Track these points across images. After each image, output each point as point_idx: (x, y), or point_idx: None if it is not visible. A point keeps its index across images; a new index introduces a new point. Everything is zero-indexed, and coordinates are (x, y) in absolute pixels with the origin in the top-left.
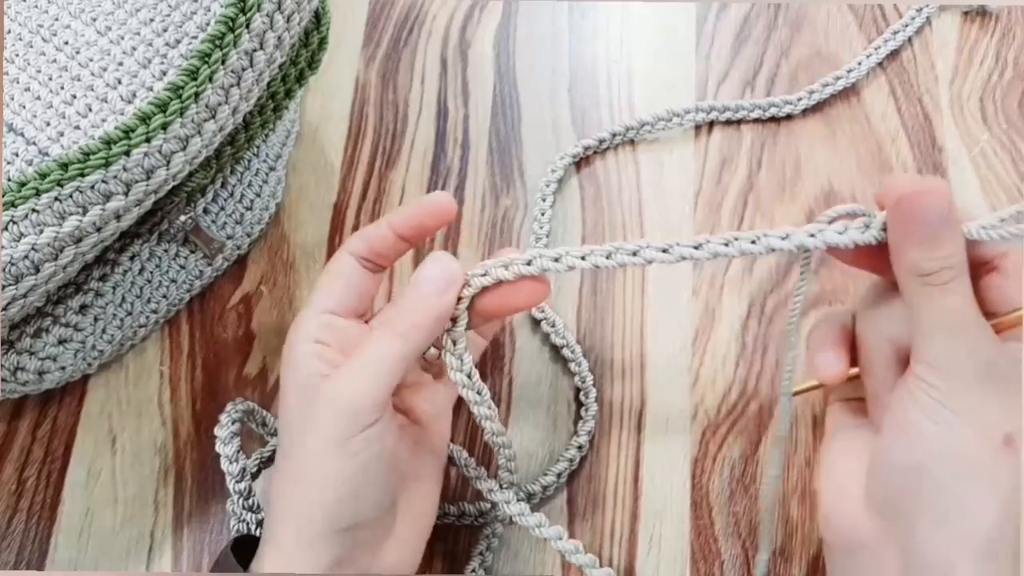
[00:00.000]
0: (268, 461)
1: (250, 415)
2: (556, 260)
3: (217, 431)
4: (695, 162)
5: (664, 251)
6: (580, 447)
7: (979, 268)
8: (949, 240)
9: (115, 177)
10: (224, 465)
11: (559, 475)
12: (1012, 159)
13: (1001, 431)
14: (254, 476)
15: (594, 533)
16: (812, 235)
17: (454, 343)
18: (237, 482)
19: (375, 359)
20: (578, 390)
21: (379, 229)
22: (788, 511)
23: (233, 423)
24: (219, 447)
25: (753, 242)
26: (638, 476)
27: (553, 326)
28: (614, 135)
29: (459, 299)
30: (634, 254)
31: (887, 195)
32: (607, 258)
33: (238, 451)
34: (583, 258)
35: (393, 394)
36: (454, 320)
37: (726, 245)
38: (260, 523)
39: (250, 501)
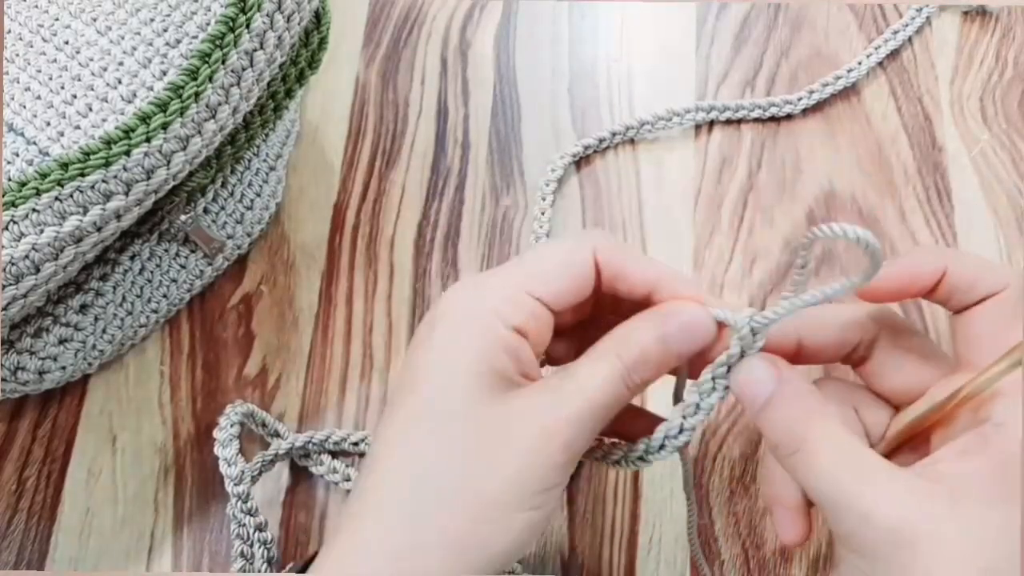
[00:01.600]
0: (270, 464)
1: (250, 417)
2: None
3: (216, 433)
4: (695, 162)
5: None
6: None
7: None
8: (779, 402)
9: (115, 177)
10: (223, 468)
11: None
12: (1012, 159)
13: None
14: (254, 480)
15: (594, 533)
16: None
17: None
18: (236, 485)
19: (603, 394)
20: None
21: (640, 261)
22: None
23: (232, 425)
24: (218, 450)
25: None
26: (638, 476)
27: None
28: (614, 135)
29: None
30: None
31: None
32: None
33: (237, 454)
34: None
35: None
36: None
37: None
38: (259, 527)
39: (248, 504)
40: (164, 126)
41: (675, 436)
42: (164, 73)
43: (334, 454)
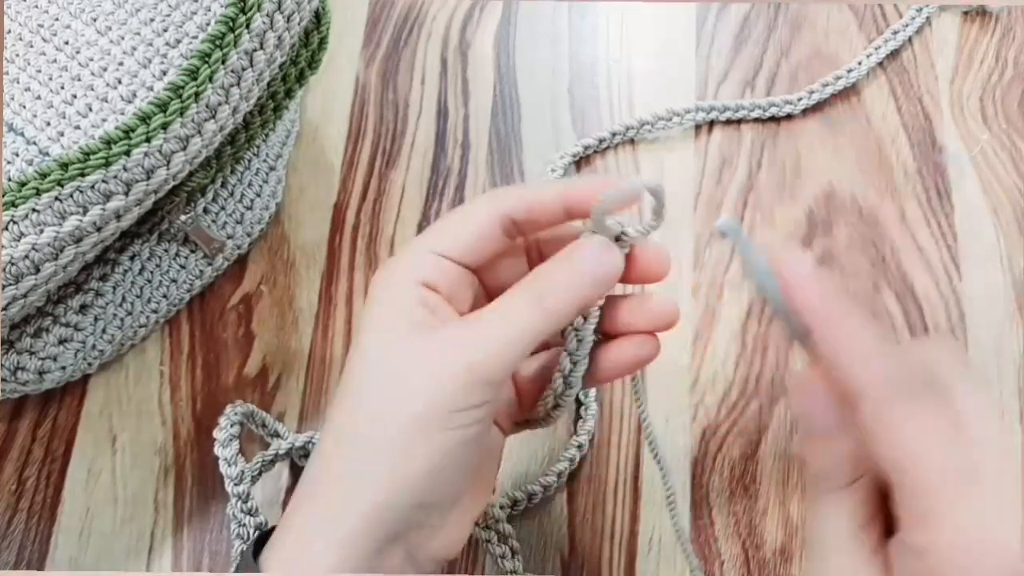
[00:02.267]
0: (270, 464)
1: (250, 417)
2: None
3: (216, 433)
4: (695, 162)
5: None
6: (580, 447)
7: None
8: (832, 438)
9: (115, 177)
10: (223, 468)
11: (559, 475)
12: (1012, 159)
13: None
14: (254, 480)
15: (594, 533)
16: None
17: (578, 343)
18: (236, 485)
19: (515, 325)
20: None
21: (545, 194)
22: (788, 511)
23: (232, 426)
24: (217, 450)
25: None
26: (638, 476)
27: None
28: (614, 135)
29: None
30: None
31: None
32: None
33: (237, 454)
34: None
35: None
36: (584, 317)
37: None
38: (259, 527)
39: (248, 504)
40: (164, 126)
41: (562, 394)
42: (164, 73)
43: None
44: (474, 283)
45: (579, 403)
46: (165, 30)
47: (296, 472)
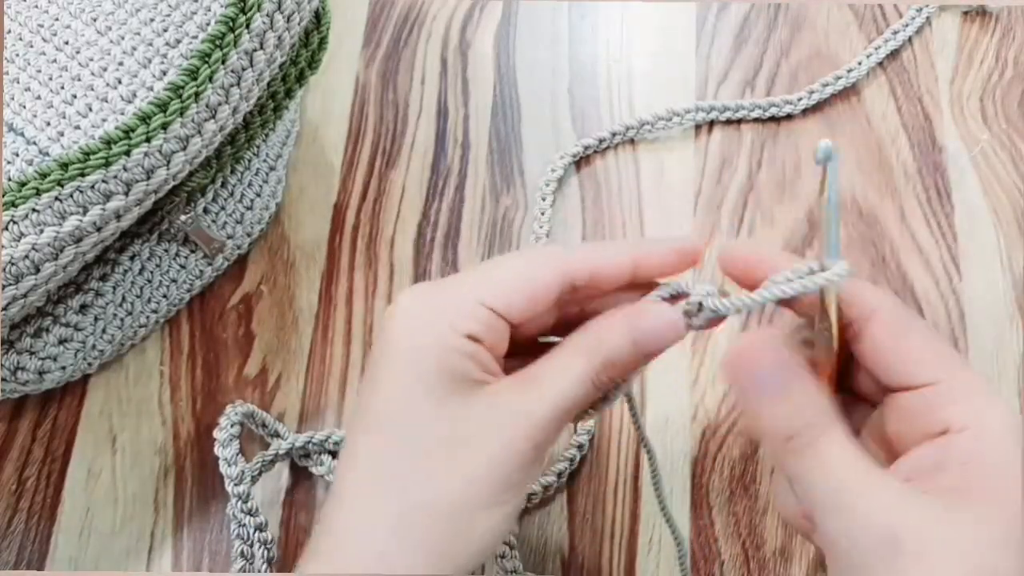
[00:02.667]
0: (270, 464)
1: (250, 417)
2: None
3: (216, 433)
4: (695, 162)
5: None
6: (580, 447)
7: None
8: (798, 391)
9: (115, 177)
10: (223, 468)
11: (559, 475)
12: (1012, 159)
13: None
14: (254, 480)
15: (594, 533)
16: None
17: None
18: (236, 485)
19: (570, 400)
20: None
21: (616, 256)
22: None
23: (232, 426)
24: (218, 450)
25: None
26: (638, 476)
27: None
28: (614, 135)
29: None
30: None
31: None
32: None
33: (237, 454)
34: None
35: None
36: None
37: None
38: (259, 527)
39: (249, 504)
40: (164, 126)
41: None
42: (164, 73)
43: (334, 454)
44: (507, 334)
45: None
46: (165, 30)
47: (296, 472)
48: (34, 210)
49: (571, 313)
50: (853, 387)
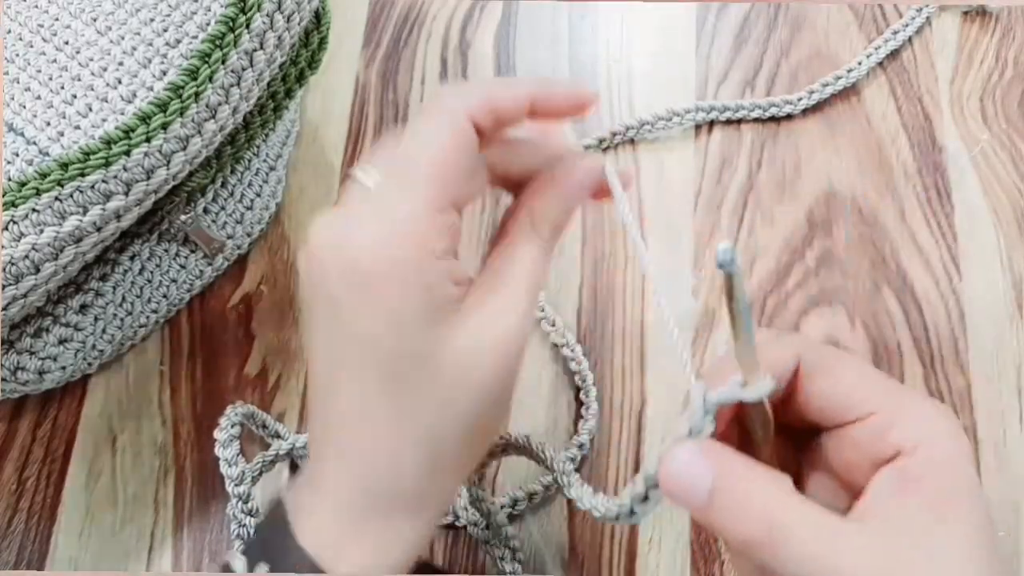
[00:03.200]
0: (270, 465)
1: (250, 418)
2: None
3: (217, 434)
4: (695, 162)
5: None
6: (581, 446)
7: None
8: (740, 495)
9: (115, 177)
10: (223, 468)
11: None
12: (1012, 159)
13: None
14: (255, 480)
15: (594, 533)
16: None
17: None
18: (236, 485)
19: (529, 286)
20: (578, 389)
21: (515, 95)
22: None
23: (232, 426)
24: (218, 450)
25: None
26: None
27: (553, 325)
28: (614, 135)
29: None
30: None
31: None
32: None
33: (237, 454)
34: None
35: None
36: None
37: None
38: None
39: (249, 505)
40: (164, 126)
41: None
42: (164, 73)
43: None
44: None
45: (580, 403)
46: (165, 30)
47: (296, 471)
48: (34, 210)
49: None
50: (791, 423)
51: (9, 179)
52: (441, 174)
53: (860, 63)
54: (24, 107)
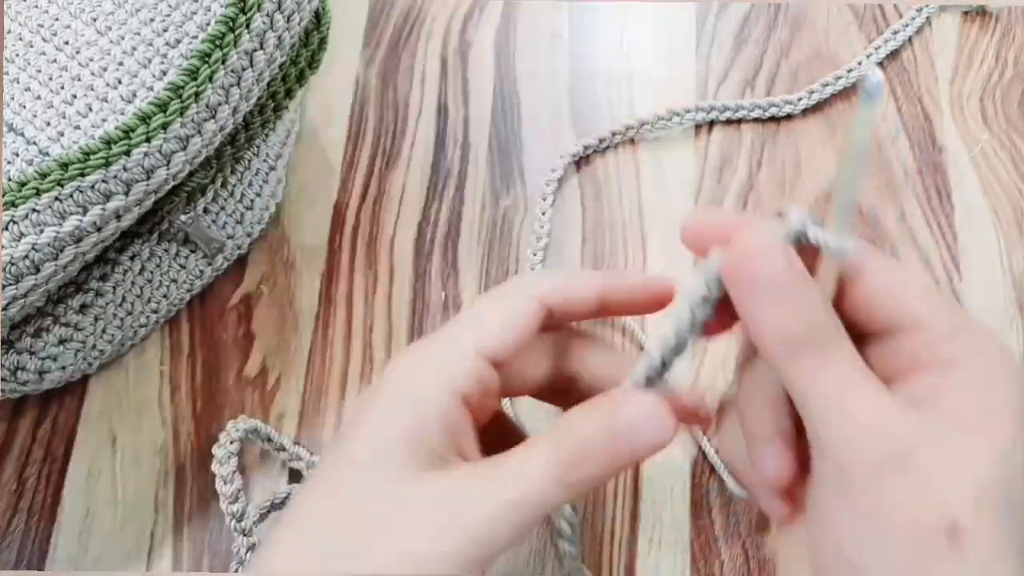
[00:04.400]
0: (279, 505)
1: (254, 432)
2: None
3: (215, 450)
4: (695, 162)
5: None
6: None
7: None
8: (808, 290)
9: (115, 177)
10: (219, 485)
11: None
12: (1012, 159)
13: (942, 523)
14: (262, 517)
15: (594, 533)
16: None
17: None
18: (231, 503)
19: (527, 499)
20: None
21: (582, 287)
22: None
23: (232, 443)
24: (215, 467)
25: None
26: (638, 476)
27: None
28: (614, 135)
29: None
30: None
31: (694, 237)
32: None
33: (234, 472)
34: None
35: None
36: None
37: None
38: (251, 548)
39: (243, 524)
40: (164, 126)
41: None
42: (164, 73)
43: None
44: (497, 384)
45: None
46: (165, 30)
47: (295, 477)
48: (34, 210)
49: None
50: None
51: (9, 179)
52: (497, 324)
53: (860, 63)
54: (24, 107)
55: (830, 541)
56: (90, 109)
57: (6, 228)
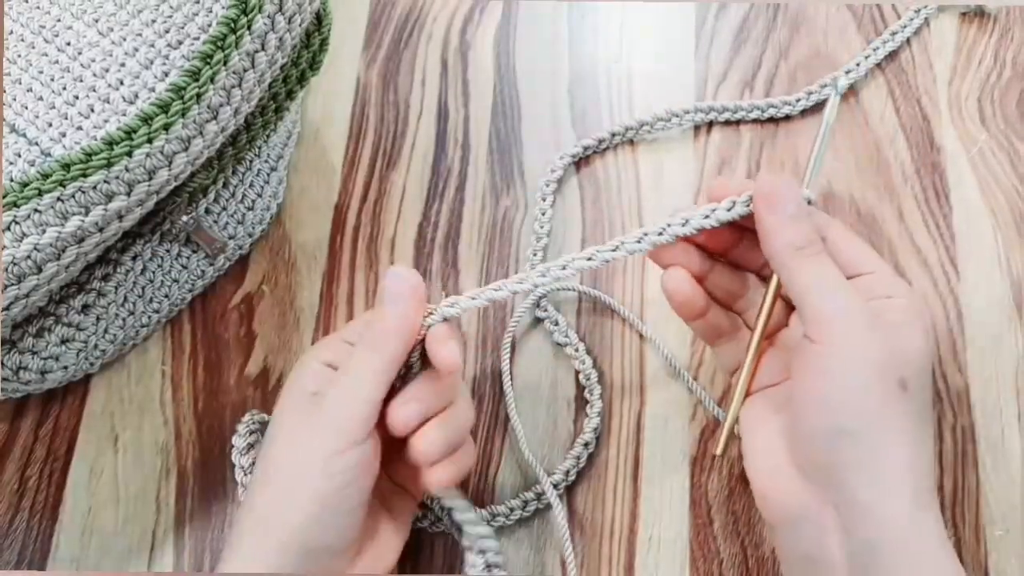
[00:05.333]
0: None
1: (265, 425)
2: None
3: (235, 440)
4: (694, 162)
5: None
6: (587, 444)
7: None
8: (807, 220)
9: (117, 177)
10: (238, 476)
11: (566, 473)
12: (1010, 159)
13: (895, 376)
14: None
15: (594, 533)
16: (706, 216)
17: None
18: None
19: (356, 375)
20: (580, 388)
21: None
22: None
23: (251, 434)
24: (235, 457)
25: (660, 233)
26: (638, 476)
27: (556, 324)
28: (614, 135)
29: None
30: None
31: (718, 193)
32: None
33: (252, 463)
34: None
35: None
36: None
37: (638, 241)
38: None
39: None
40: (166, 127)
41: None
42: (166, 74)
43: None
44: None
45: (585, 401)
46: (167, 31)
47: None
48: (36, 210)
49: None
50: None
51: (11, 180)
52: (359, 330)
53: (858, 64)
54: (26, 108)
55: (811, 388)
56: (92, 110)
57: (8, 228)
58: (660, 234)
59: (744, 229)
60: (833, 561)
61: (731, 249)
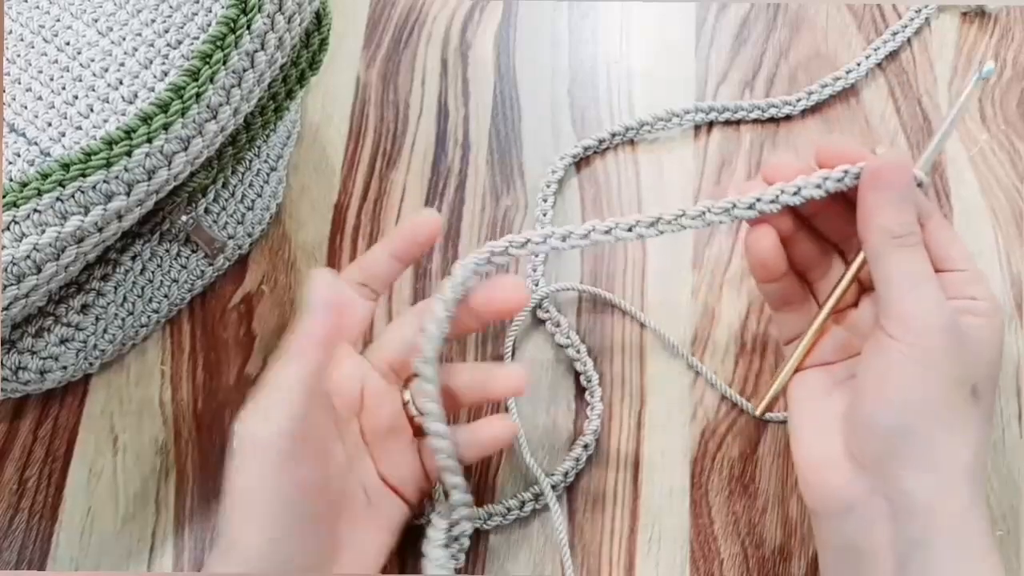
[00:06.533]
0: None
1: None
2: (522, 245)
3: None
4: (694, 162)
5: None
6: (587, 446)
7: None
8: (912, 207)
9: (117, 177)
10: None
11: (565, 474)
12: (1011, 159)
13: (969, 384)
14: None
15: (594, 533)
16: (818, 185)
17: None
18: None
19: (274, 387)
20: (580, 389)
21: (373, 254)
22: (787, 510)
23: None
24: None
25: (772, 201)
26: (638, 476)
27: (558, 326)
28: (614, 135)
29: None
30: (630, 229)
31: (829, 155)
32: (563, 240)
33: None
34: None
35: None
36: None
37: (727, 211)
38: None
39: None
40: (165, 127)
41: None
42: (165, 74)
43: None
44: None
45: (579, 403)
46: (166, 31)
47: None
48: (36, 210)
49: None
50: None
51: (11, 179)
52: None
53: (859, 64)
54: (26, 108)
55: (882, 384)
56: (91, 110)
57: (8, 228)
58: (772, 202)
59: (838, 196)
60: (878, 552)
61: (817, 215)
